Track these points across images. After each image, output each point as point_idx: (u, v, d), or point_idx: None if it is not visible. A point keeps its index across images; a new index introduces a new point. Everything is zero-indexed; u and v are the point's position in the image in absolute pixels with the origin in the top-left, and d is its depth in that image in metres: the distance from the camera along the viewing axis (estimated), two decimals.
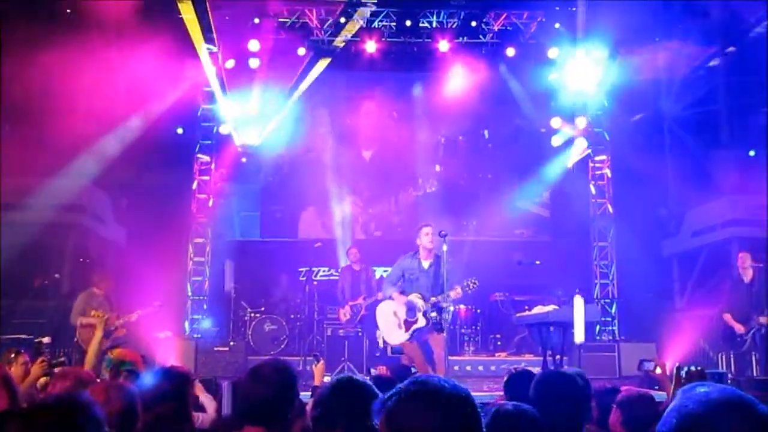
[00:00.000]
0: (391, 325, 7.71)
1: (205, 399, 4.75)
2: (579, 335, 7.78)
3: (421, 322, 7.48)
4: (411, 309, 7.50)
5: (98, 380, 4.00)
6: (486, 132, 13.43)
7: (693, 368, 1.76)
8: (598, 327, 11.85)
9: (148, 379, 3.66)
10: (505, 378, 4.13)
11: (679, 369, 1.69)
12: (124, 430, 2.89)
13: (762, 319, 8.58)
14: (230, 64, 11.99)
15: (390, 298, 7.69)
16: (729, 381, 6.95)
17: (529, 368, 4.29)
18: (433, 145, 13.46)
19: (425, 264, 7.60)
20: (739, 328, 8.75)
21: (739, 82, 11.88)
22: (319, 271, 12.38)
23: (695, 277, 12.27)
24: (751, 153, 12.80)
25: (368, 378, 4.07)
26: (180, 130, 12.36)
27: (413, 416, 1.59)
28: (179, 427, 3.59)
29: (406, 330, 7.55)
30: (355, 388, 2.78)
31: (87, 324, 8.94)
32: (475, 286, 7.35)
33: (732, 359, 9.03)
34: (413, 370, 5.59)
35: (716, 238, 12.02)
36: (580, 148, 12.54)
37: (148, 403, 3.33)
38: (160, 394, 3.59)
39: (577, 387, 3.12)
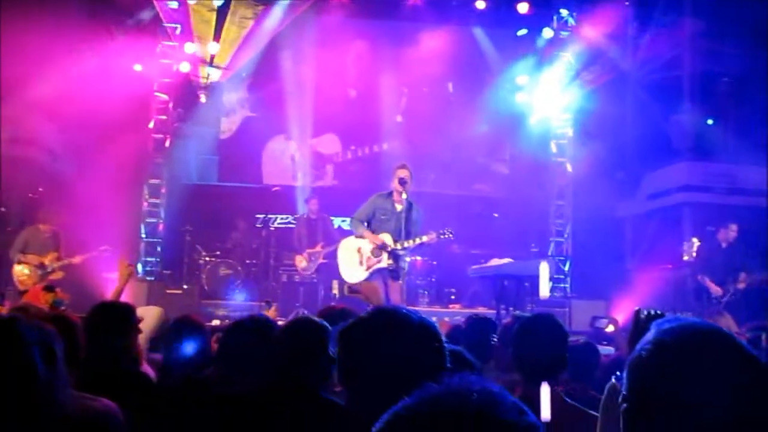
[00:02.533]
0: (352, 262, 7.62)
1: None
2: (544, 290, 7.93)
3: (384, 262, 7.37)
4: (379, 249, 7.39)
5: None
6: (450, 85, 13.26)
7: (653, 311, 1.72)
8: (550, 283, 11.99)
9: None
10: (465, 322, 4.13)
11: (638, 312, 1.64)
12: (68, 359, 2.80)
13: (740, 284, 8.86)
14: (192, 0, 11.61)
15: (361, 236, 7.56)
16: None
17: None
18: (396, 96, 13.26)
19: (398, 207, 7.41)
20: (716, 291, 8.98)
21: (706, 47, 11.94)
22: (277, 218, 12.23)
23: (647, 240, 12.47)
24: (709, 122, 12.97)
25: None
26: (138, 67, 11.96)
27: (377, 345, 1.53)
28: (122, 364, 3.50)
29: (367, 268, 7.48)
30: (313, 326, 2.76)
31: (24, 263, 8.78)
32: (450, 236, 7.28)
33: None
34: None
35: (670, 202, 12.24)
36: (543, 106, 12.54)
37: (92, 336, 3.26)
38: (105, 327, 3.50)
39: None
